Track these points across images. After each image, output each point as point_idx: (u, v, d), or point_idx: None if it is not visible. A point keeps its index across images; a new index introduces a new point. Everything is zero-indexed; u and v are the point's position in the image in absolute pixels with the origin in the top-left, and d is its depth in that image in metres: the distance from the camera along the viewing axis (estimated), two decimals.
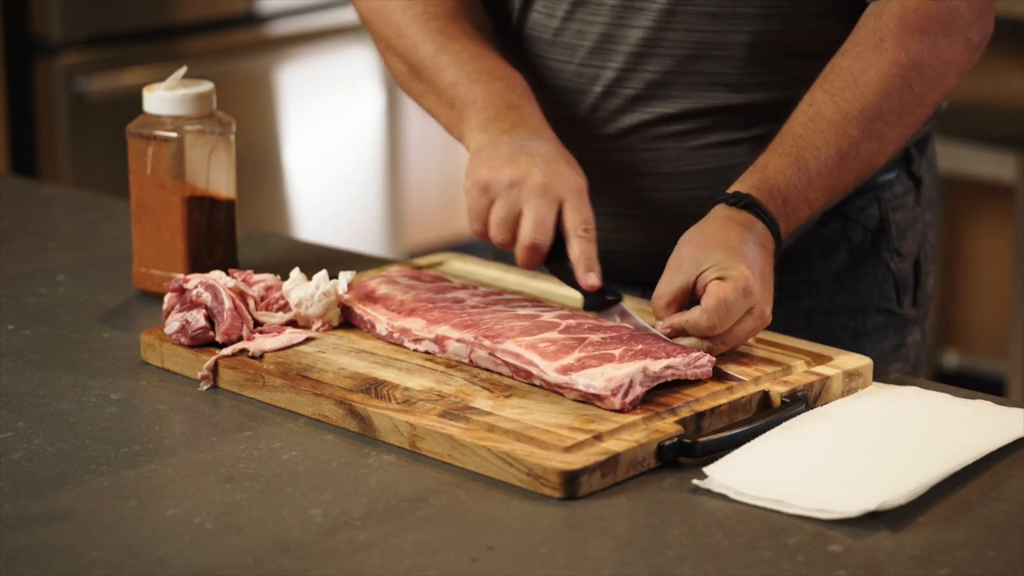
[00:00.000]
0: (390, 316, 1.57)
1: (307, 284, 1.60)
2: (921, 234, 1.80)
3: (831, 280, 1.75)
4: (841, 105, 1.55)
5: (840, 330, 1.74)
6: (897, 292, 1.77)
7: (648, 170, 1.68)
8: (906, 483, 1.29)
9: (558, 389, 1.43)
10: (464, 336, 1.50)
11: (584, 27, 1.66)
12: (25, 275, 1.85)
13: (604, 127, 1.68)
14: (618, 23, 1.64)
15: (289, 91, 4.03)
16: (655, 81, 1.65)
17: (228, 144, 1.73)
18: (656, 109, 1.66)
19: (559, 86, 1.69)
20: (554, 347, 1.45)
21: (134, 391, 1.52)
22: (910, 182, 1.78)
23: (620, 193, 1.69)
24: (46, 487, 1.33)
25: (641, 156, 1.68)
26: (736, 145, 1.66)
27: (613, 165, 1.69)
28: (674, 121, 1.66)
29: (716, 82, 1.64)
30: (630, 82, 1.66)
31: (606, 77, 1.66)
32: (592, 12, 1.65)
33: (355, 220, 4.29)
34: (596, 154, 1.68)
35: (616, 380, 1.39)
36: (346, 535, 1.24)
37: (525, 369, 1.45)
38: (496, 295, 1.61)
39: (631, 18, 1.64)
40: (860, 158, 1.56)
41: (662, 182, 1.68)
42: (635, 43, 1.64)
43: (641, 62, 1.64)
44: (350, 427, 1.43)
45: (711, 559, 1.21)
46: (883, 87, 1.55)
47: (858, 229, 1.74)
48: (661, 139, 1.67)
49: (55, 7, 3.53)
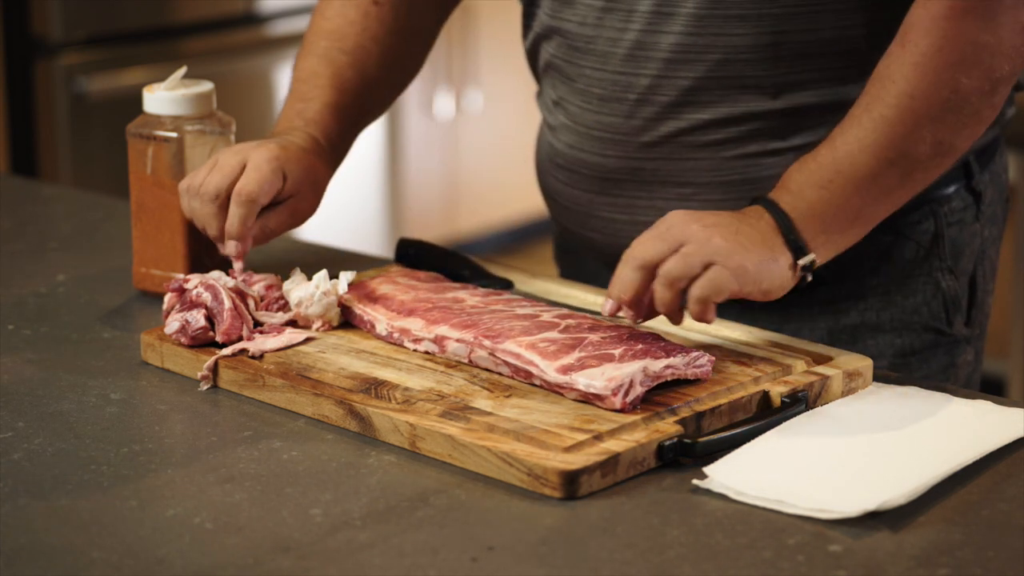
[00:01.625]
0: (390, 316, 1.57)
1: (307, 284, 1.60)
2: (979, 251, 1.74)
3: (879, 296, 1.70)
4: (872, 105, 1.50)
5: (886, 347, 1.69)
6: (947, 311, 1.71)
7: (685, 179, 1.66)
8: (906, 483, 1.29)
9: (558, 389, 1.42)
10: (463, 336, 1.50)
11: (616, 35, 1.64)
12: (25, 275, 1.85)
13: (640, 135, 1.66)
14: (649, 30, 1.63)
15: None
16: (689, 87, 1.63)
17: (228, 144, 1.73)
18: (692, 116, 1.64)
19: (595, 94, 1.68)
20: (554, 347, 1.45)
21: (134, 391, 1.52)
22: (970, 197, 1.72)
23: (658, 201, 1.67)
24: (46, 487, 1.33)
25: (678, 165, 1.66)
26: (774, 156, 1.64)
27: (650, 173, 1.67)
28: (710, 129, 1.64)
29: (749, 85, 1.62)
30: (664, 89, 1.64)
31: (640, 84, 1.64)
32: (623, 19, 1.64)
33: (355, 220, 4.29)
34: (633, 162, 1.67)
35: (617, 380, 1.39)
36: (346, 535, 1.24)
37: (525, 369, 1.45)
38: (496, 295, 1.61)
39: (662, 24, 1.62)
40: (902, 155, 1.50)
41: (699, 192, 1.66)
42: (667, 49, 1.62)
43: (674, 69, 1.63)
44: (350, 427, 1.43)
45: (711, 559, 1.21)
46: (914, 79, 1.49)
47: (910, 244, 1.69)
48: (698, 148, 1.65)
49: (55, 7, 3.53)
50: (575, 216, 1.75)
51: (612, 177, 1.69)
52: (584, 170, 1.71)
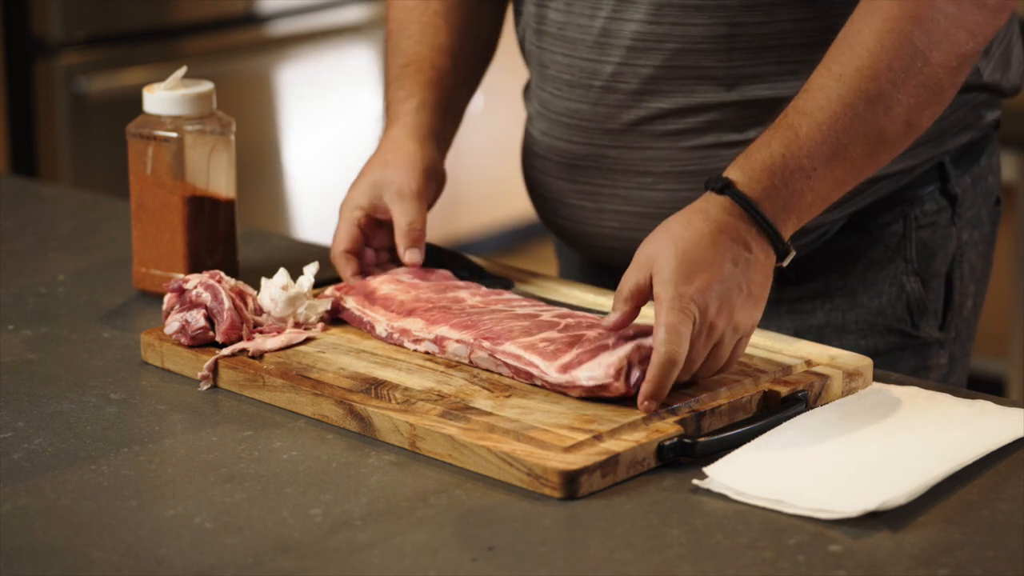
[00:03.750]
0: (389, 317, 1.57)
1: (268, 284, 1.59)
2: (955, 254, 1.73)
3: (845, 296, 1.71)
4: (834, 69, 1.47)
5: (852, 348, 1.67)
6: (911, 313, 1.71)
7: (645, 168, 1.68)
8: (906, 483, 1.29)
9: (561, 389, 1.42)
10: (463, 337, 1.50)
11: (586, 21, 1.67)
12: (25, 275, 1.85)
13: (604, 122, 1.69)
14: (614, 17, 1.65)
15: (289, 91, 4.03)
16: (649, 76, 1.65)
17: (228, 144, 1.73)
18: (651, 104, 1.66)
19: (564, 80, 1.70)
20: (553, 346, 1.45)
21: (134, 391, 1.52)
22: (944, 200, 1.71)
23: (620, 190, 1.70)
24: (46, 487, 1.33)
25: (639, 154, 1.68)
26: (731, 148, 1.64)
27: (614, 161, 1.69)
28: (668, 118, 1.66)
29: (705, 76, 1.64)
30: (626, 77, 1.66)
31: (605, 72, 1.67)
32: (592, 6, 1.66)
33: None
34: (598, 149, 1.70)
35: (614, 364, 1.39)
36: (346, 535, 1.24)
37: (526, 371, 1.45)
38: (496, 294, 1.61)
39: (625, 12, 1.65)
40: (862, 120, 1.46)
41: (658, 181, 1.68)
42: (629, 37, 1.65)
43: (635, 56, 1.65)
44: (350, 427, 1.43)
45: (711, 559, 1.21)
46: (876, 44, 1.46)
47: (878, 246, 1.70)
48: (657, 137, 1.67)
49: (55, 7, 3.53)
50: (549, 205, 1.78)
51: (579, 164, 1.72)
52: (555, 157, 1.74)
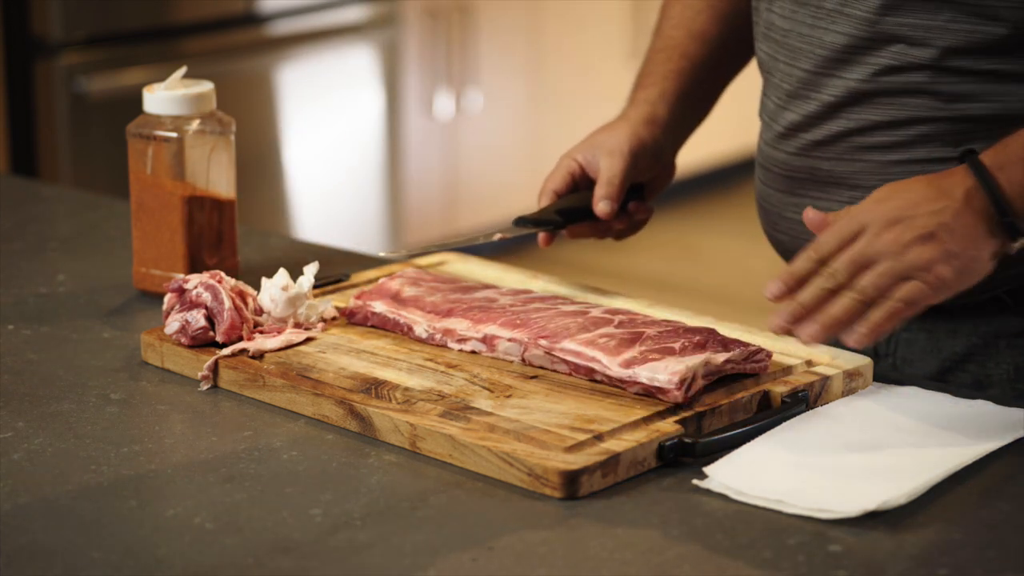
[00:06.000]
0: (428, 318, 1.57)
1: (268, 284, 1.59)
2: None
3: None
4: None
5: None
6: None
7: (855, 181, 1.63)
8: (906, 483, 1.29)
9: (620, 384, 1.43)
10: (516, 336, 1.50)
11: (808, 31, 1.63)
12: (25, 275, 1.85)
13: (811, 132, 1.65)
14: (830, 29, 1.61)
15: (289, 91, 4.03)
16: (858, 89, 1.61)
17: (228, 144, 1.73)
18: (860, 116, 1.62)
19: (785, 90, 1.67)
20: (614, 342, 1.46)
21: (134, 391, 1.52)
22: None
23: (834, 204, 1.64)
24: (46, 487, 1.33)
25: (849, 166, 1.64)
26: (942, 163, 1.58)
27: (825, 173, 1.65)
28: (878, 131, 1.61)
29: (917, 90, 1.59)
30: (836, 87, 1.62)
31: (819, 82, 1.63)
32: (812, 15, 1.63)
33: (355, 220, 4.29)
34: (811, 160, 1.65)
35: (680, 373, 1.40)
36: (346, 535, 1.24)
37: (587, 366, 1.45)
38: (524, 293, 1.61)
39: (838, 23, 1.60)
40: None
41: (864, 195, 1.57)
42: (842, 48, 1.61)
43: (841, 68, 1.61)
44: (350, 427, 1.43)
45: (711, 559, 1.21)
46: None
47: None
48: (864, 150, 1.62)
49: (55, 7, 3.53)
50: (769, 218, 1.73)
51: (795, 176, 1.67)
52: (775, 168, 1.70)
